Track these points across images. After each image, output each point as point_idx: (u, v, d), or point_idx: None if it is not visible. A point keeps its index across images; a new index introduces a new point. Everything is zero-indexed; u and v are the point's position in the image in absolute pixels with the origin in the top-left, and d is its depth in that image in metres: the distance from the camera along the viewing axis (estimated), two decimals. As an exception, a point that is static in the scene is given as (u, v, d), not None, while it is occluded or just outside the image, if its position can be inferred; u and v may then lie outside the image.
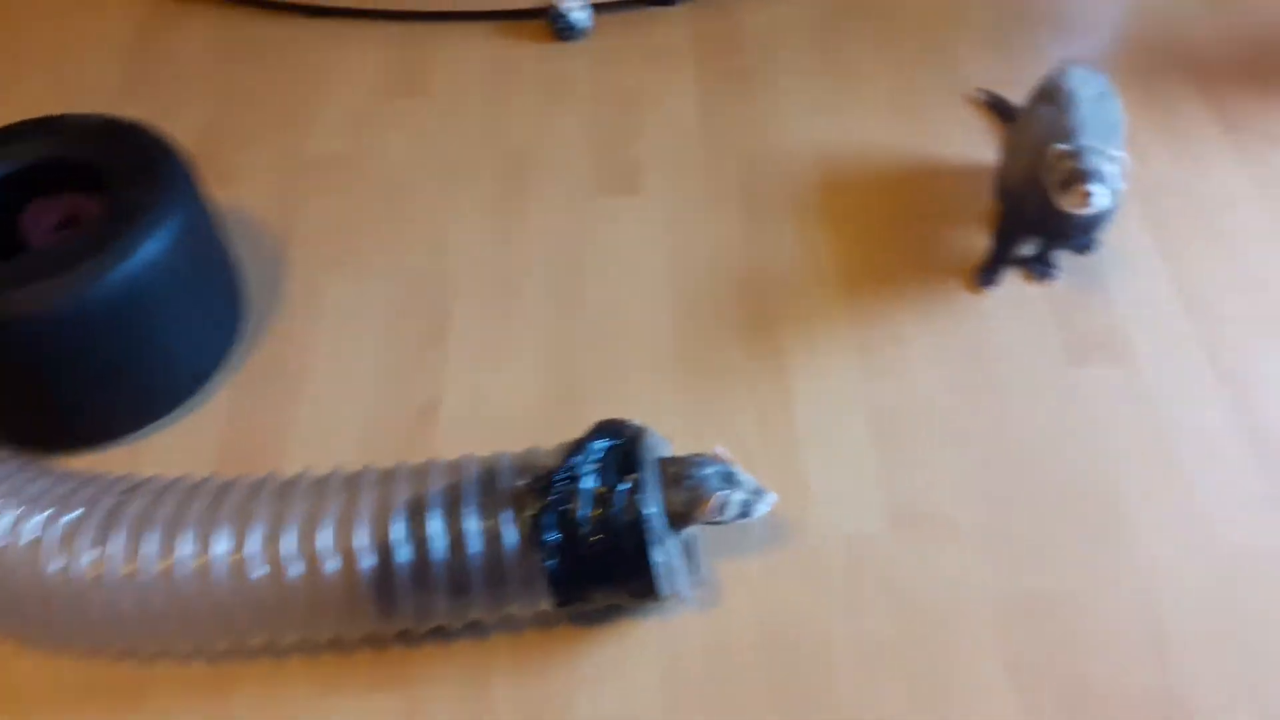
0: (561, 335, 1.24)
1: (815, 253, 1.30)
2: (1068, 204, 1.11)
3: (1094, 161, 1.10)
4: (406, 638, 0.99)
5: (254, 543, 0.90)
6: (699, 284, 1.28)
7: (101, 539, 0.91)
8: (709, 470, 0.96)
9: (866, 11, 1.63)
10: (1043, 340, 1.20)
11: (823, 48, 1.58)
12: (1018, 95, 1.35)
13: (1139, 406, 1.14)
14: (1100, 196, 1.09)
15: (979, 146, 1.40)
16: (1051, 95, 1.22)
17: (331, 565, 0.90)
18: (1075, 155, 1.11)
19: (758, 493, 0.98)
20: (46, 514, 0.92)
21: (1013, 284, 1.26)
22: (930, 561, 1.03)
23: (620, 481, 0.92)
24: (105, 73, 1.61)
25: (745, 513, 0.97)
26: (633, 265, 1.31)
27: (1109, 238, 1.25)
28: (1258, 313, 1.22)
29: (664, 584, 0.93)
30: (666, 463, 0.97)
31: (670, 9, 1.65)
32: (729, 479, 0.97)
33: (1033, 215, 1.20)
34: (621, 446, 0.95)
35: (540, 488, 0.92)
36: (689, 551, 1.01)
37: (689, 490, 0.95)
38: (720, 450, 0.99)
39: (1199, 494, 1.07)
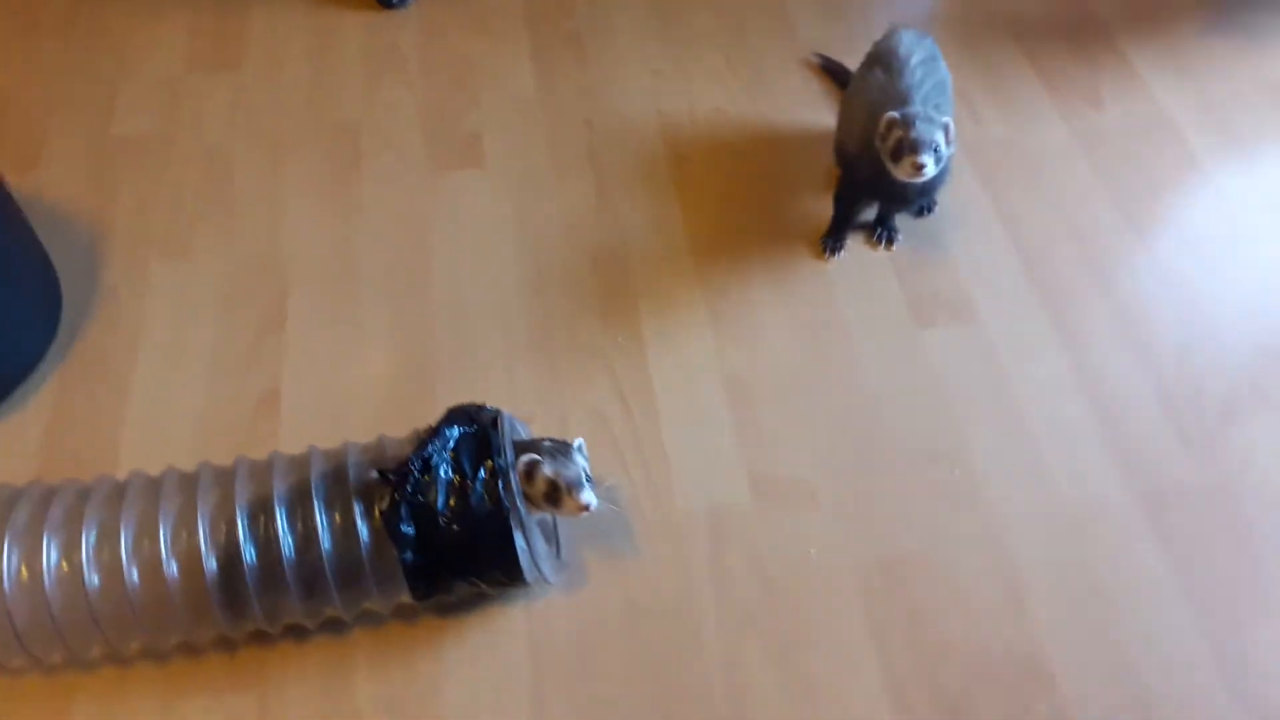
0: (408, 315, 1.21)
1: (665, 222, 1.31)
2: (900, 173, 1.14)
3: (923, 130, 1.13)
4: (261, 638, 0.96)
5: (85, 551, 0.85)
6: (549, 257, 1.27)
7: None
8: (547, 443, 0.95)
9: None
10: (889, 303, 1.24)
11: (657, 9, 1.58)
12: (852, 60, 1.39)
13: (984, 364, 1.19)
14: (930, 164, 1.13)
15: (819, 111, 1.43)
16: (882, 59, 1.25)
17: (171, 569, 0.86)
18: (905, 124, 1.13)
19: (572, 485, 0.93)
20: None
21: (858, 249, 1.29)
22: (791, 529, 1.06)
23: (477, 469, 0.90)
24: None
25: (553, 496, 0.93)
26: (479, 240, 1.29)
27: (945, 198, 1.31)
28: (1086, 261, 1.29)
29: (528, 570, 0.92)
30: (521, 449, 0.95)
31: (500, -27, 1.62)
32: (554, 454, 0.94)
33: (869, 180, 1.23)
34: (476, 433, 0.93)
35: (393, 479, 0.89)
36: (551, 533, 1.01)
37: (570, 475, 0.93)
38: (576, 440, 0.98)
39: (1043, 448, 1.12)
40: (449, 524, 0.89)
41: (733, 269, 1.26)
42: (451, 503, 0.89)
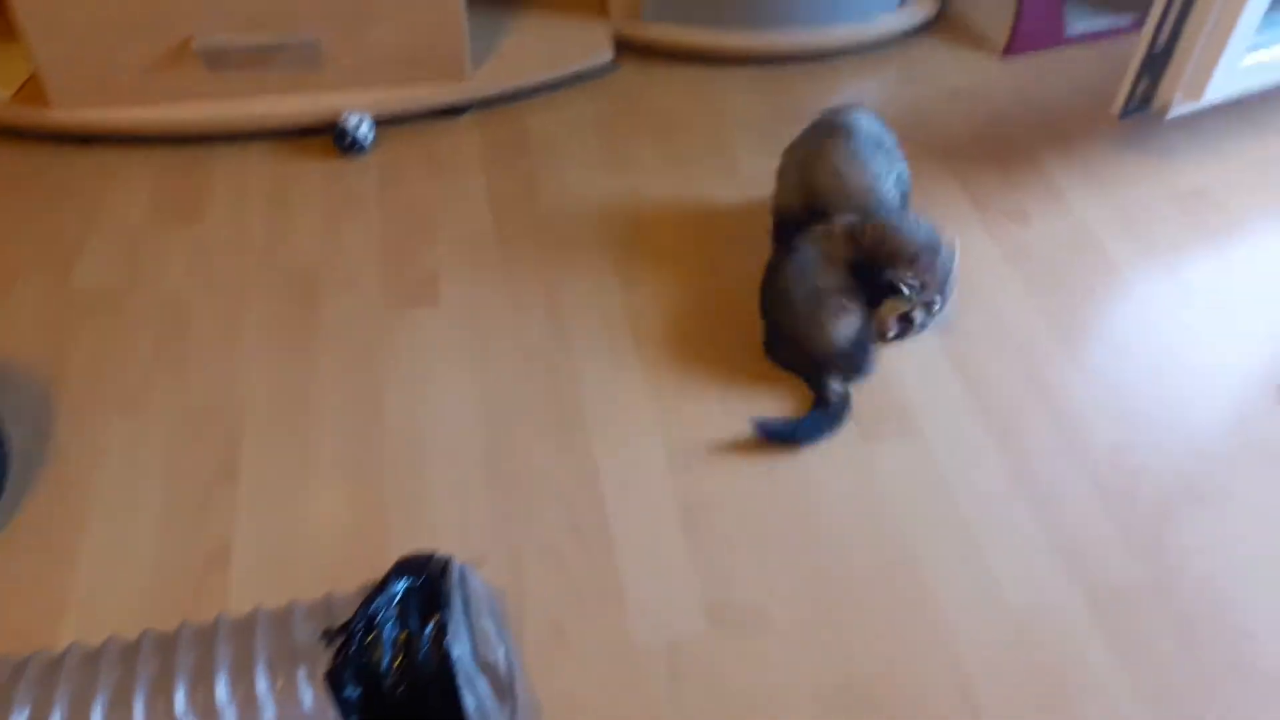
0: (362, 460, 1.22)
1: (619, 351, 1.35)
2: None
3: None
4: None
5: None
6: (503, 391, 1.30)
7: None
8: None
9: (642, 113, 1.73)
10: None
11: (606, 146, 1.67)
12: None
13: (928, 475, 1.22)
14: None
15: (762, 248, 1.49)
16: (831, 128, 1.40)
17: None
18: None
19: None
20: None
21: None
22: (750, 657, 1.06)
23: (425, 624, 0.88)
24: None
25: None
26: (433, 377, 1.32)
27: None
28: (1020, 369, 1.34)
29: None
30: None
31: (456, 119, 1.70)
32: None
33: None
34: (423, 585, 0.91)
35: (337, 639, 0.87)
36: (505, 688, 1.00)
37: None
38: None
39: (988, 556, 1.15)
40: (395, 685, 0.86)
41: (685, 394, 1.30)
42: (397, 662, 0.87)
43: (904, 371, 1.34)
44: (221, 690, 0.86)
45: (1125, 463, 1.24)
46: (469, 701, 0.88)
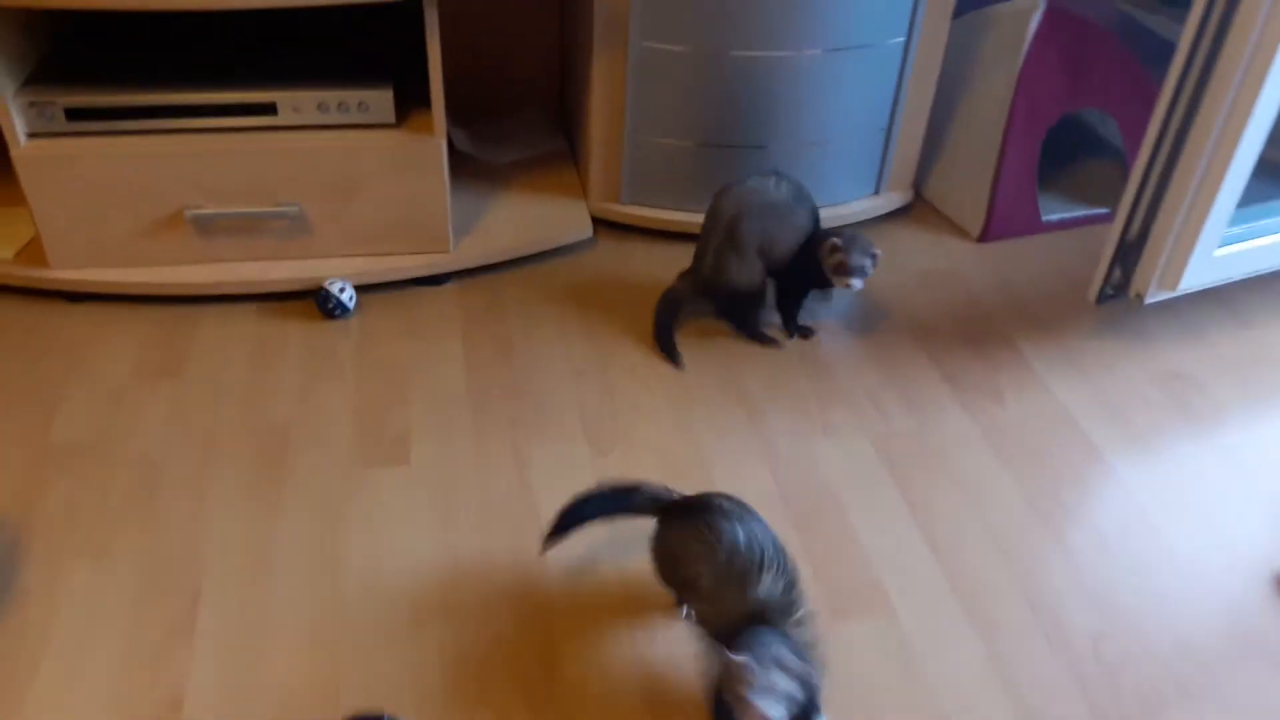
0: (321, 618, 1.20)
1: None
2: (838, 285, 1.58)
3: (857, 259, 1.55)
4: None
5: None
6: (469, 552, 1.28)
7: None
8: None
9: (616, 284, 1.78)
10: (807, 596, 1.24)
11: (580, 316, 1.70)
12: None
13: (898, 657, 1.18)
14: (859, 285, 1.57)
15: (742, 419, 1.51)
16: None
17: None
18: (845, 250, 1.55)
19: None
20: None
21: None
22: None
23: None
24: None
25: None
26: (399, 535, 1.30)
27: (857, 489, 1.37)
28: (996, 550, 1.31)
29: None
30: None
31: (437, 288, 1.75)
32: None
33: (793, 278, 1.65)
34: None
35: None
36: None
37: None
38: None
39: (960, 744, 1.09)
40: None
41: (647, 567, 1.27)
42: None
43: (877, 549, 1.31)
44: None
45: (1107, 653, 1.18)
46: None
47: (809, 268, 1.60)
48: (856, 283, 1.57)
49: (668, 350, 1.62)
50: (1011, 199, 1.88)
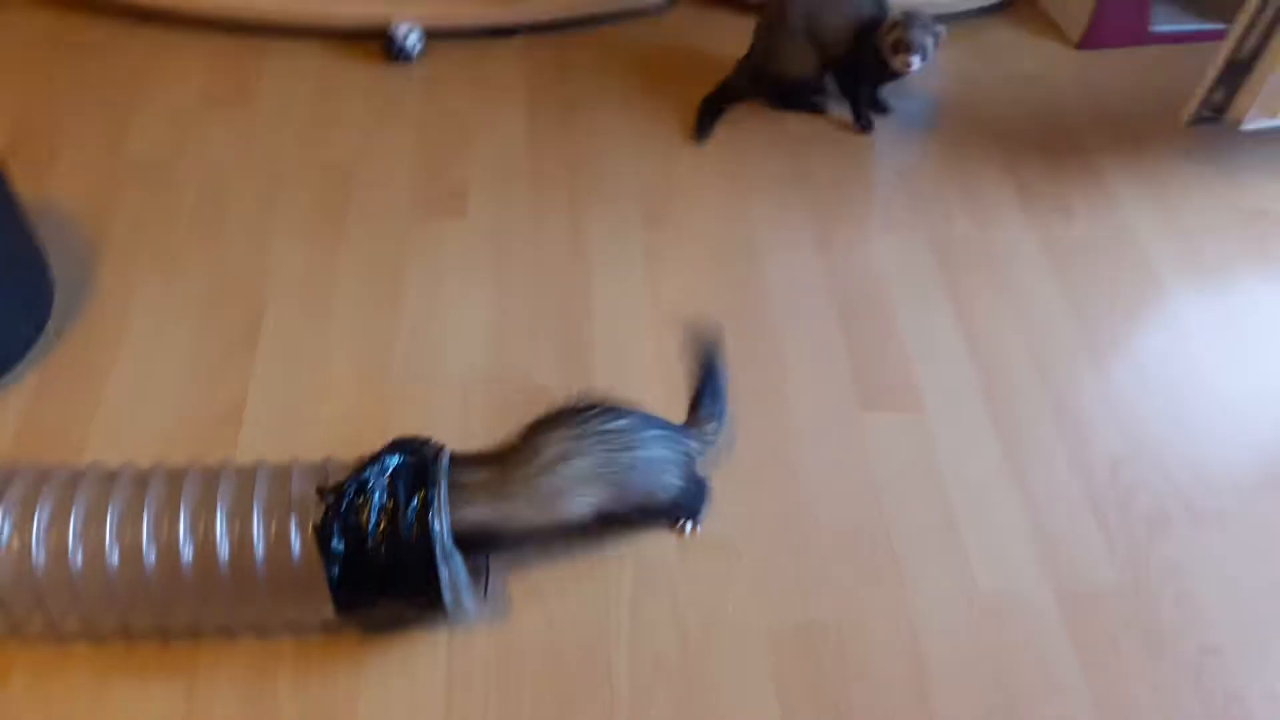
0: (374, 349, 1.26)
1: (630, 280, 1.36)
2: (896, 65, 1.50)
3: (918, 35, 1.47)
4: (192, 633, 1.00)
5: (38, 530, 0.91)
6: (517, 304, 1.32)
7: None
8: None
9: (692, 55, 1.71)
10: (837, 383, 1.27)
11: (647, 78, 1.66)
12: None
13: (920, 451, 1.21)
14: (917, 64, 1.49)
15: (788, 203, 1.49)
16: None
17: (113, 558, 0.91)
18: (905, 26, 1.47)
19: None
20: None
21: (815, 327, 1.33)
22: (712, 585, 1.08)
23: (411, 498, 0.94)
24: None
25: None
26: (453, 284, 1.34)
27: (905, 286, 1.37)
28: (1034, 365, 1.31)
29: (449, 601, 0.95)
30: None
31: (505, 41, 1.70)
32: None
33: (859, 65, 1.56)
34: (415, 463, 0.96)
35: (330, 497, 0.93)
36: (481, 569, 1.04)
37: None
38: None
39: (966, 538, 1.14)
40: (377, 546, 0.92)
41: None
42: (381, 526, 0.92)
43: (916, 344, 1.32)
44: (219, 524, 0.92)
45: (1123, 475, 1.21)
46: (443, 573, 0.93)
47: (867, 56, 1.53)
48: (916, 60, 1.48)
49: (701, 127, 1.57)
50: (1121, 2, 1.75)
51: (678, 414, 1.14)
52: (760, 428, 1.22)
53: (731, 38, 1.69)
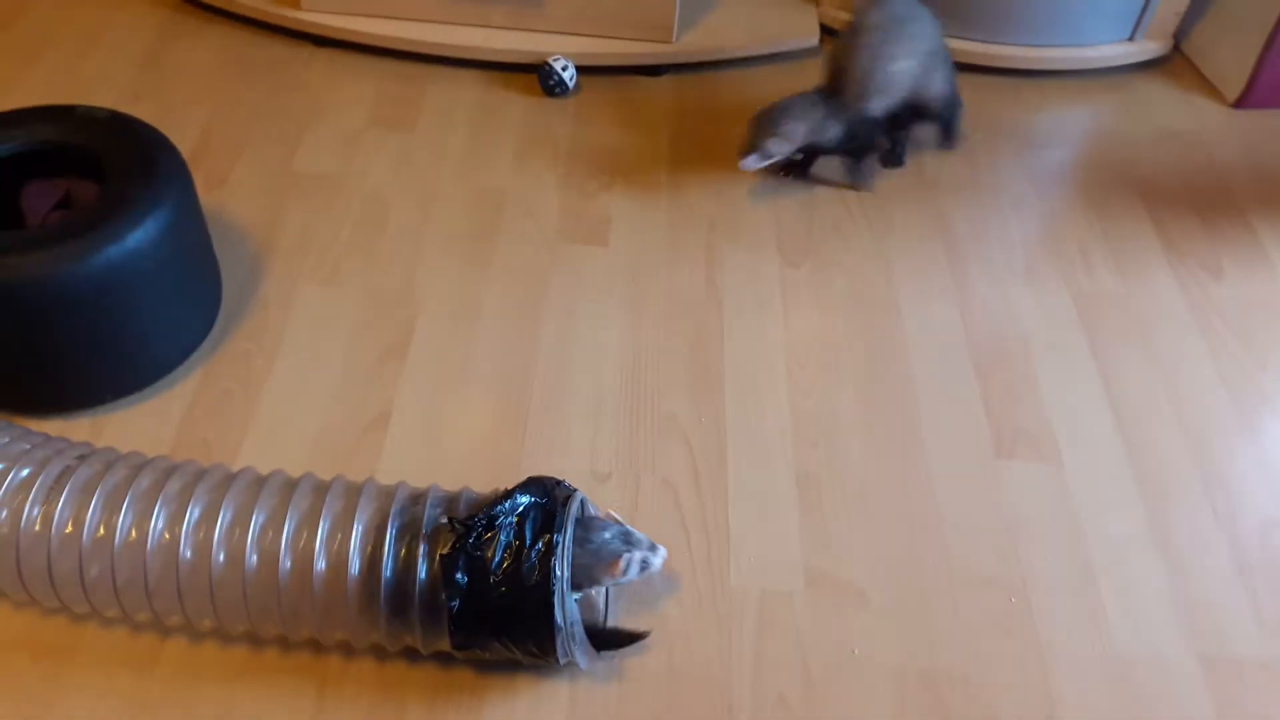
0: (514, 370, 1.30)
1: (766, 322, 1.38)
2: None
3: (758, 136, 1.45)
4: (313, 645, 1.03)
5: (188, 525, 0.94)
6: (651, 335, 1.35)
7: (45, 499, 0.95)
8: (608, 534, 0.99)
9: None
10: (973, 429, 1.26)
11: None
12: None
13: (1057, 504, 1.19)
14: (752, 164, 1.47)
15: (930, 244, 1.49)
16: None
17: (252, 561, 0.94)
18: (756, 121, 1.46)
19: (652, 548, 1.02)
20: (-1, 468, 0.97)
21: (950, 373, 1.33)
22: (837, 625, 1.08)
23: (536, 540, 0.94)
24: (118, 70, 1.70)
25: (645, 568, 1.01)
26: (590, 309, 1.38)
27: (1044, 345, 1.37)
28: (1180, 424, 1.28)
29: (561, 650, 0.95)
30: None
31: (654, 79, 1.76)
32: (627, 539, 1.00)
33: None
34: (546, 505, 0.97)
35: (459, 528, 0.94)
36: (600, 613, 1.05)
37: (592, 554, 0.98)
38: (613, 513, 1.04)
39: (1105, 596, 1.11)
40: (498, 584, 0.93)
41: (822, 375, 1.32)
42: (505, 564, 0.93)
43: (1054, 399, 1.31)
44: (355, 539, 0.95)
45: (1274, 540, 1.17)
46: (559, 619, 0.93)
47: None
48: (751, 161, 1.47)
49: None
50: (1281, 64, 1.71)
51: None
52: (893, 471, 1.22)
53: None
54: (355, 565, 0.94)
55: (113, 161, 1.19)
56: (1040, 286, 1.45)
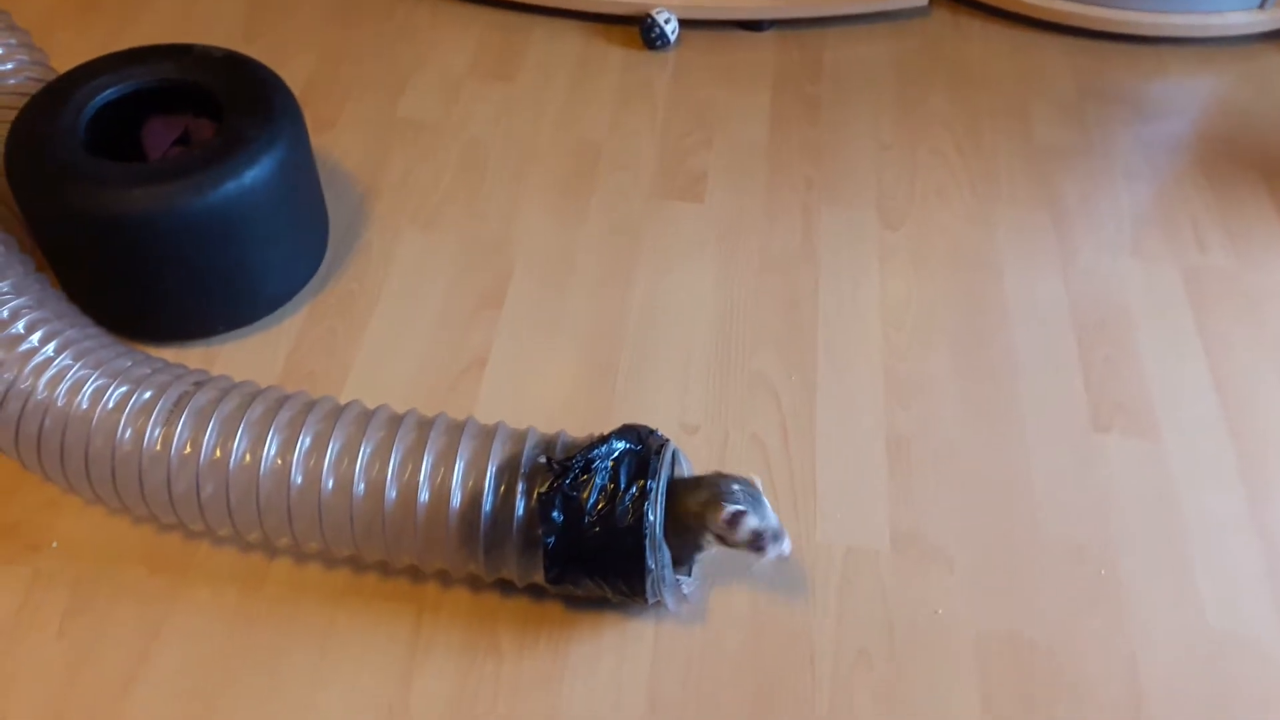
0: (606, 321, 1.32)
1: (861, 282, 1.37)
2: None
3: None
4: (412, 572, 1.07)
5: (299, 453, 0.99)
6: (743, 292, 1.36)
7: (165, 422, 1.00)
8: (737, 486, 1.00)
9: (944, 62, 1.71)
10: (1070, 400, 1.24)
11: (898, 87, 1.66)
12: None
13: (1154, 480, 1.17)
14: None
15: (1035, 213, 1.46)
16: None
17: (360, 489, 0.98)
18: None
19: (776, 535, 0.99)
20: (124, 389, 1.02)
21: (1050, 342, 1.31)
22: (922, 587, 1.08)
23: (630, 485, 0.97)
24: (230, 13, 1.74)
25: (757, 544, 0.98)
26: (683, 265, 1.39)
27: (1150, 317, 1.33)
28: (1288, 411, 1.25)
29: (650, 591, 0.97)
30: (696, 478, 1.01)
31: (756, 34, 1.74)
32: (754, 501, 0.99)
33: None
34: (640, 452, 0.99)
35: (557, 467, 0.97)
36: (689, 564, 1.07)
37: (709, 490, 0.99)
38: (756, 479, 1.03)
39: (1198, 574, 1.09)
40: (592, 524, 0.96)
41: (917, 339, 1.31)
42: (599, 506, 0.96)
43: (1157, 375, 1.28)
44: (457, 474, 0.99)
45: (1383, 532, 1.13)
46: (650, 562, 0.96)
47: None
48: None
49: None
50: None
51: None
52: (986, 438, 1.21)
53: (984, 43, 1.67)
54: (457, 498, 0.98)
55: (230, 100, 1.23)
56: (1148, 259, 1.41)
